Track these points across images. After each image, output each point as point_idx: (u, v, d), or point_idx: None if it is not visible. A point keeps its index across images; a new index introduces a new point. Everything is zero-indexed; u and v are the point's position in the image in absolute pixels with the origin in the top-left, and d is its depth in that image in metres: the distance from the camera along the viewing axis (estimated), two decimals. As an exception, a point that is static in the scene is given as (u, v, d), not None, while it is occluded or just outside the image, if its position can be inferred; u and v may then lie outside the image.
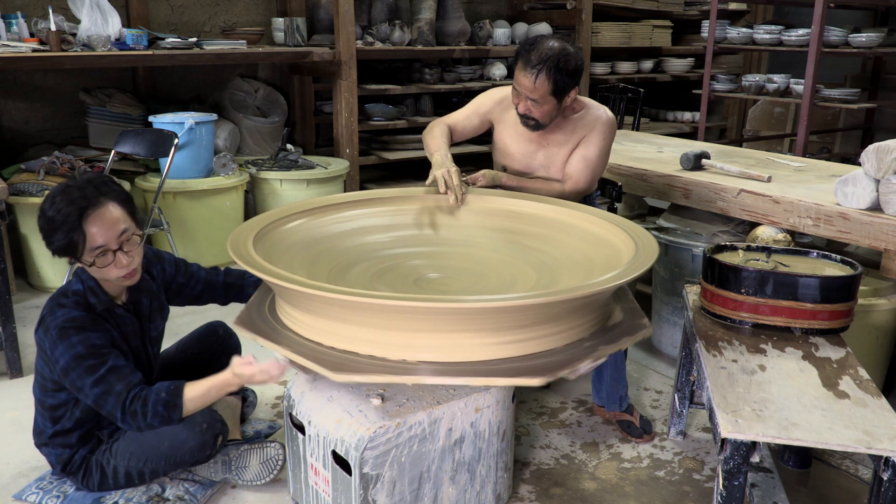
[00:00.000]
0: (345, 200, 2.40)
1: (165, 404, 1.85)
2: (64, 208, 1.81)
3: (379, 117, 4.99)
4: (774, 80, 4.95)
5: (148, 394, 1.86)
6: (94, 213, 1.84)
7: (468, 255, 2.30)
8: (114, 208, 1.87)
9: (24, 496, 2.09)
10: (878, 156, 2.31)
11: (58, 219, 1.81)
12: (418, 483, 1.84)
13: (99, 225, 1.84)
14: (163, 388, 1.87)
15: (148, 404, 1.84)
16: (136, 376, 1.89)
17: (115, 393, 1.84)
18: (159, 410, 1.85)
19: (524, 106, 2.40)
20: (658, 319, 3.15)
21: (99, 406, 1.86)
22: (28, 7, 4.20)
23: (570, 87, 2.37)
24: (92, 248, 1.84)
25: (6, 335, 2.80)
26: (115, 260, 1.88)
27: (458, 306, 1.64)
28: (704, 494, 2.20)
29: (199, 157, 3.98)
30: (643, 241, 1.99)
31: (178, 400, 1.87)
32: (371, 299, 1.63)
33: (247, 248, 1.90)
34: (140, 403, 1.84)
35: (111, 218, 1.86)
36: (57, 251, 1.87)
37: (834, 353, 1.97)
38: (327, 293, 1.65)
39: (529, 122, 2.44)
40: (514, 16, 5.97)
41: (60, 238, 1.83)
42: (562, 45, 2.33)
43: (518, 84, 2.37)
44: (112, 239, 1.86)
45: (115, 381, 1.84)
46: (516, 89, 2.40)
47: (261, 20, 4.99)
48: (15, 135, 4.38)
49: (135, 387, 1.85)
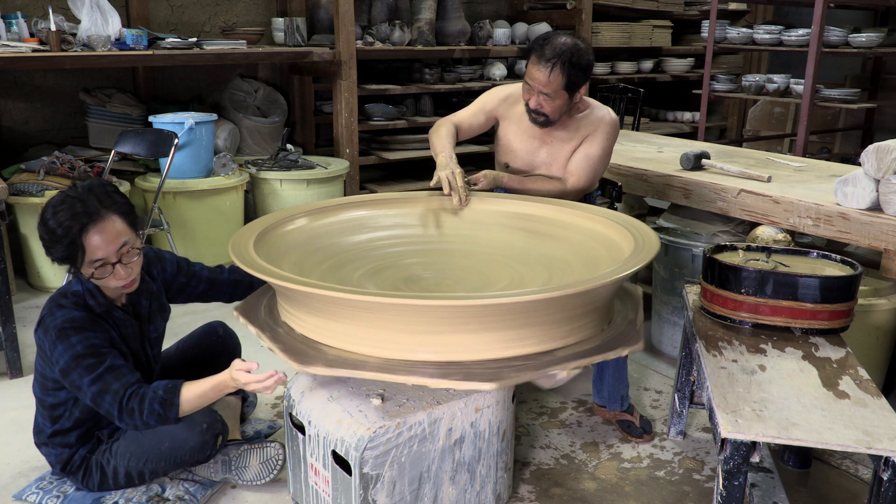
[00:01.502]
0: (347, 202, 2.42)
1: (162, 402, 1.85)
2: (66, 221, 1.81)
3: (379, 117, 4.99)
4: (774, 80, 4.95)
5: (145, 392, 1.85)
6: (95, 227, 1.84)
7: (471, 255, 2.30)
8: (115, 221, 1.88)
9: (24, 496, 2.09)
10: (878, 156, 2.31)
11: (59, 232, 1.82)
12: (418, 483, 1.84)
13: (99, 240, 1.84)
14: (160, 387, 1.87)
15: (145, 402, 1.84)
16: (135, 375, 1.89)
17: (112, 391, 1.84)
18: (156, 409, 1.84)
19: (536, 101, 2.41)
20: (658, 319, 3.14)
21: (97, 404, 1.86)
22: (28, 7, 4.19)
23: (581, 83, 2.39)
24: (91, 260, 1.85)
25: (6, 335, 2.80)
26: (114, 272, 1.89)
27: (455, 304, 1.64)
28: (704, 494, 2.20)
29: (199, 157, 3.98)
30: (644, 238, 2.00)
31: (175, 399, 1.86)
32: (346, 294, 1.66)
33: (248, 249, 1.91)
34: (137, 401, 1.84)
35: (112, 232, 1.86)
36: (56, 261, 1.89)
37: (834, 353, 1.97)
38: (305, 287, 1.68)
39: (539, 118, 2.45)
40: (514, 16, 5.96)
41: (60, 251, 1.85)
42: (574, 41, 2.36)
43: (531, 78, 2.38)
44: (112, 253, 1.87)
45: (112, 379, 1.84)
46: (528, 84, 2.40)
47: (261, 20, 4.99)
48: (15, 135, 4.38)
49: (132, 385, 1.85)
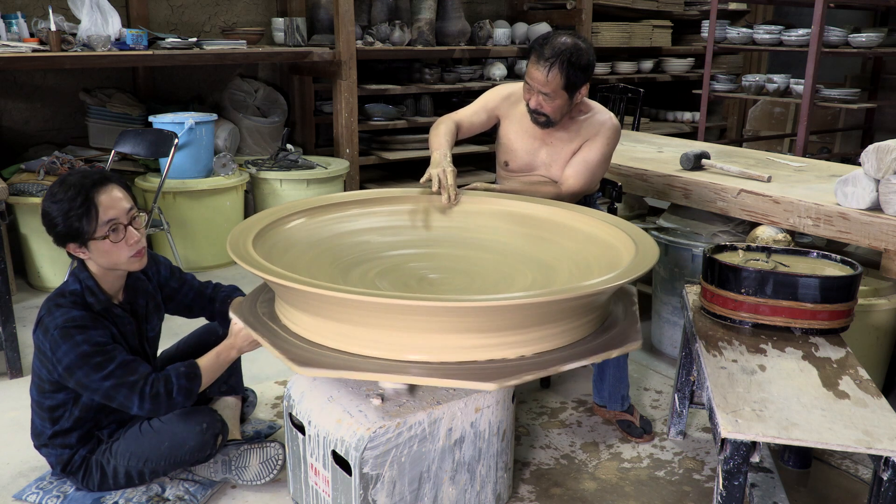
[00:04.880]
0: (342, 200, 2.39)
1: (187, 376, 1.95)
2: (71, 190, 1.85)
3: (379, 117, 4.99)
4: (774, 80, 4.95)
5: (168, 373, 1.94)
6: (102, 190, 1.88)
7: (464, 256, 2.29)
8: (117, 190, 1.92)
9: (24, 496, 2.09)
10: (878, 156, 2.31)
11: (66, 199, 1.84)
12: (418, 483, 1.84)
13: (108, 200, 1.88)
14: (179, 365, 1.98)
15: (171, 381, 1.93)
16: (147, 367, 1.94)
17: (128, 383, 1.87)
18: (183, 384, 1.94)
19: (536, 101, 2.40)
20: (658, 319, 3.14)
21: (110, 398, 1.88)
22: (28, 7, 4.20)
23: (581, 83, 2.37)
24: (104, 221, 1.87)
25: (6, 335, 2.81)
26: (127, 235, 1.91)
27: (455, 305, 1.64)
28: (704, 494, 2.20)
29: (199, 157, 3.99)
30: (642, 243, 1.98)
31: (196, 370, 1.98)
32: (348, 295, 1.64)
33: (246, 246, 1.90)
34: (162, 384, 1.91)
35: (118, 195, 1.91)
36: (66, 235, 1.87)
37: (834, 353, 1.97)
38: (305, 287, 1.67)
39: (540, 119, 2.44)
40: (514, 16, 5.97)
41: (73, 218, 1.83)
42: (574, 41, 2.34)
43: (531, 78, 2.37)
44: (122, 213, 1.90)
45: (125, 374, 1.88)
46: (528, 84, 2.39)
47: (261, 20, 4.99)
48: (15, 135, 4.38)
49: (150, 374, 1.92)
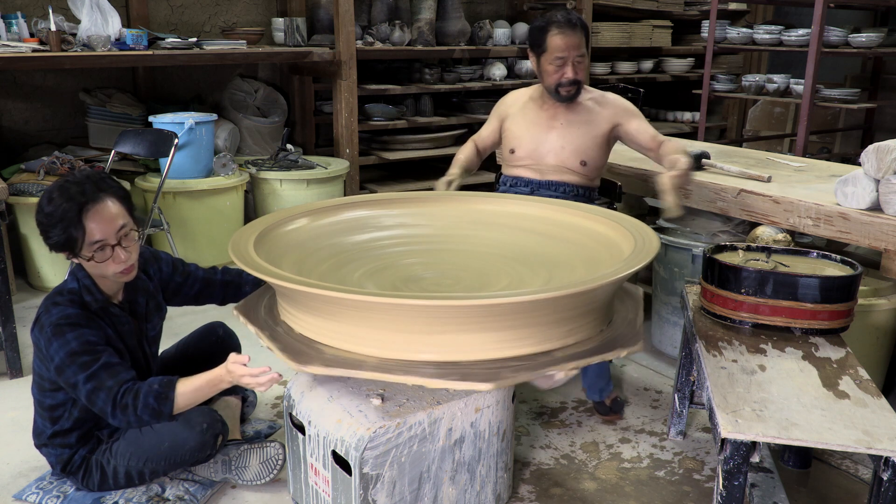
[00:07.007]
0: (347, 202, 2.42)
1: (157, 396, 1.85)
2: (63, 204, 1.82)
3: (379, 117, 4.99)
4: (774, 80, 4.95)
5: (140, 387, 1.86)
6: (93, 208, 1.85)
7: (471, 255, 2.30)
8: (112, 204, 1.89)
9: (24, 496, 2.09)
10: (878, 156, 2.31)
11: (56, 214, 1.82)
12: (418, 483, 1.84)
13: (97, 220, 1.85)
14: (155, 382, 1.88)
15: (139, 397, 1.84)
16: (129, 373, 1.89)
17: (105, 388, 1.84)
18: (150, 402, 1.84)
19: (572, 70, 2.52)
20: (658, 319, 3.14)
21: (91, 402, 1.86)
22: (28, 7, 4.19)
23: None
24: (91, 242, 1.85)
25: (6, 335, 2.81)
26: (114, 255, 1.89)
27: (454, 304, 1.64)
28: (704, 494, 2.20)
29: (199, 157, 3.98)
30: (644, 238, 1.99)
31: (170, 392, 1.87)
32: (357, 296, 1.64)
33: (247, 249, 1.91)
34: (131, 396, 1.84)
35: (109, 213, 1.87)
36: (55, 246, 1.88)
37: (834, 353, 1.97)
38: (306, 287, 1.68)
39: (571, 91, 2.56)
40: (514, 16, 5.97)
41: (58, 233, 1.84)
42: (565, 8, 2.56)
43: (564, 48, 2.49)
44: (111, 234, 1.87)
45: (106, 377, 1.85)
46: (559, 58, 2.50)
47: (261, 20, 4.99)
48: (15, 135, 4.38)
49: (126, 382, 1.86)
